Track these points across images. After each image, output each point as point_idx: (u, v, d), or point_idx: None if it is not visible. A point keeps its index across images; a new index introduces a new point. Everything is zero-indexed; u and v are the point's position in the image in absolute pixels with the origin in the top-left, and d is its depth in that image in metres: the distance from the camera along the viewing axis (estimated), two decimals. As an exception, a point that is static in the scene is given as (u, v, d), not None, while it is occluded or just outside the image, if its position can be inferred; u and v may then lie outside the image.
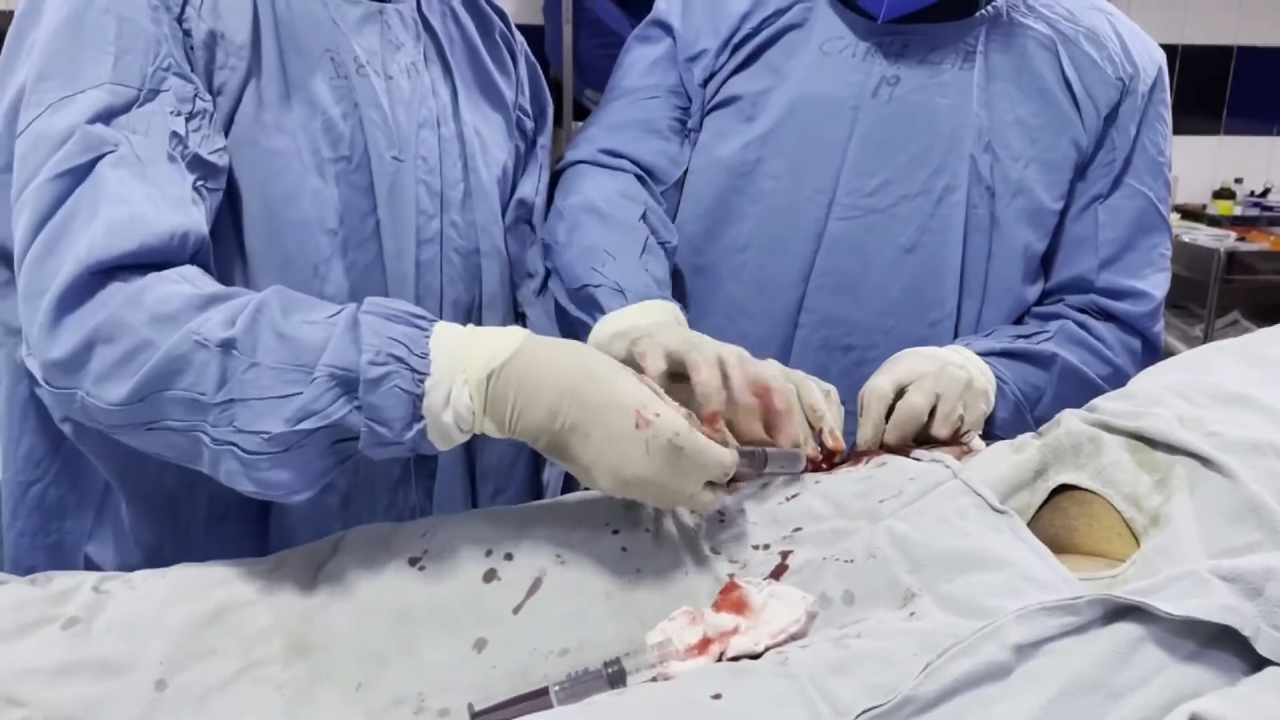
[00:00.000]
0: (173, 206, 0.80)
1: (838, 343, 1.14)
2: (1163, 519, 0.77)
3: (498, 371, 0.76)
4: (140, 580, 0.84)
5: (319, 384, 0.74)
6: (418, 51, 1.02)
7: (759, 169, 1.16)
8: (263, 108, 0.90)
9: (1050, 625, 0.63)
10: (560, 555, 0.82)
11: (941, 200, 1.12)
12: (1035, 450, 0.87)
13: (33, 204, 0.78)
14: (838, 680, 0.63)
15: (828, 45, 1.15)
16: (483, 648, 0.76)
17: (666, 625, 0.75)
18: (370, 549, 0.86)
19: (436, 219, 1.02)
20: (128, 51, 0.83)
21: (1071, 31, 1.15)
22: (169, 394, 0.74)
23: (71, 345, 0.75)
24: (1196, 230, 3.20)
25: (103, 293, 0.75)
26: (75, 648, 0.77)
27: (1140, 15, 3.47)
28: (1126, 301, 1.18)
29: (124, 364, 0.74)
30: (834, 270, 1.14)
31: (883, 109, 1.13)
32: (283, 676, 0.76)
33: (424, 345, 0.76)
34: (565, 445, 0.76)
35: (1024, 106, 1.14)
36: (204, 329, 0.74)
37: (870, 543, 0.77)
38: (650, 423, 0.74)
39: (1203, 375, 0.90)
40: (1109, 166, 1.16)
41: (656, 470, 0.75)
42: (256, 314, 0.75)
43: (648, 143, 1.18)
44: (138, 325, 0.74)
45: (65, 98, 0.80)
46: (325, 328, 0.75)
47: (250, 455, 0.75)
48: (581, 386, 0.75)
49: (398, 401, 0.75)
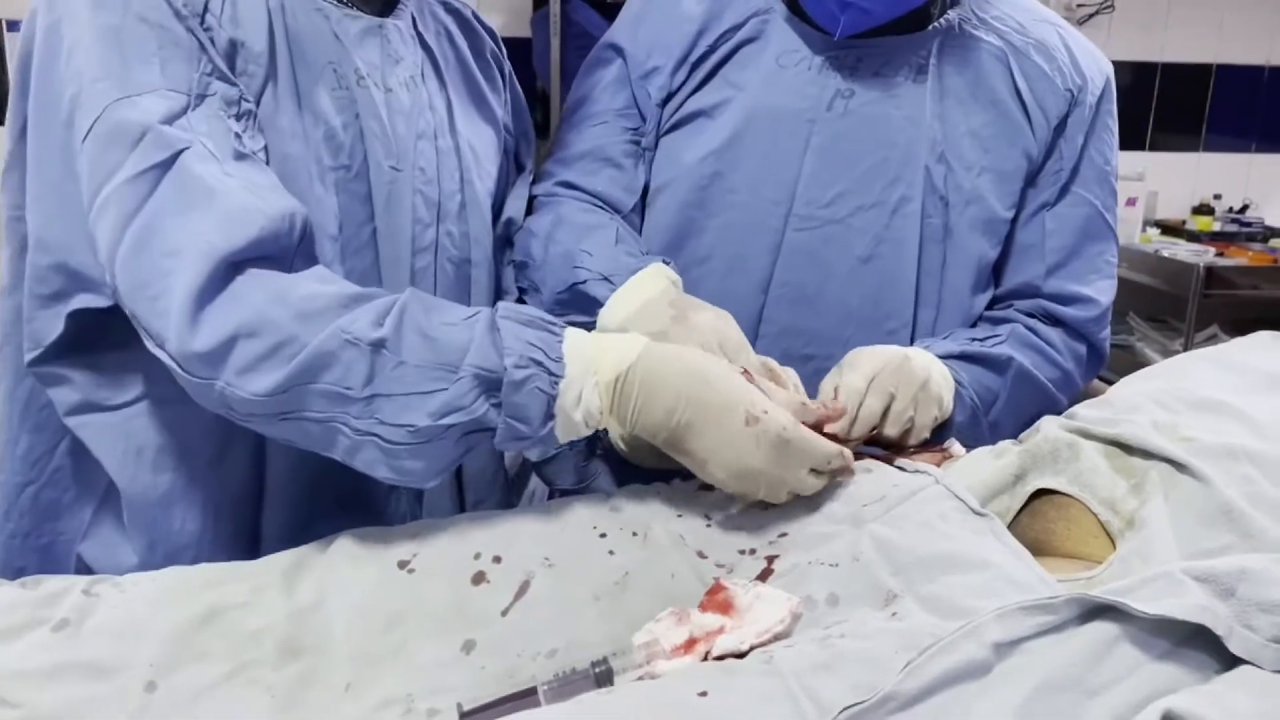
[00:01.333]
0: (273, 192, 0.84)
1: (797, 353, 1.16)
2: (1138, 522, 0.79)
3: (624, 375, 0.83)
4: (130, 583, 0.85)
5: (464, 383, 0.80)
6: (416, 66, 1.04)
7: (716, 182, 1.17)
8: (280, 114, 0.92)
9: (1028, 624, 0.65)
10: (548, 558, 0.83)
11: (897, 211, 1.14)
12: (1015, 456, 0.89)
13: (118, 202, 0.80)
14: (821, 678, 0.64)
15: (783, 58, 1.17)
16: (471, 649, 0.77)
17: (653, 626, 0.76)
18: (360, 551, 0.87)
19: (432, 228, 1.04)
20: (171, 59, 0.84)
21: (1022, 43, 1.18)
22: (314, 387, 0.79)
23: (215, 339, 0.78)
24: (1176, 245, 3.22)
25: (237, 285, 0.79)
26: (66, 650, 0.77)
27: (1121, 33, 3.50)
28: (1073, 307, 1.20)
29: (269, 358, 0.78)
30: (792, 282, 1.16)
31: (838, 122, 1.15)
32: (273, 678, 0.77)
33: (558, 350, 0.83)
34: (682, 440, 0.84)
35: (977, 117, 1.16)
36: (354, 327, 0.79)
37: (854, 546, 0.79)
38: (759, 420, 0.83)
39: (1179, 382, 0.92)
40: (1057, 175, 1.19)
41: (767, 461, 0.83)
42: (402, 315, 0.81)
43: (602, 174, 1.20)
44: (284, 321, 0.79)
45: (124, 98, 0.82)
46: (466, 329, 0.82)
47: (392, 445, 0.81)
48: (697, 389, 0.83)
49: (536, 401, 0.81)
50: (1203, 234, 3.33)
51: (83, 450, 0.96)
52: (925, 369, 1.04)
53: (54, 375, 0.93)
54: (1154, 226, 3.41)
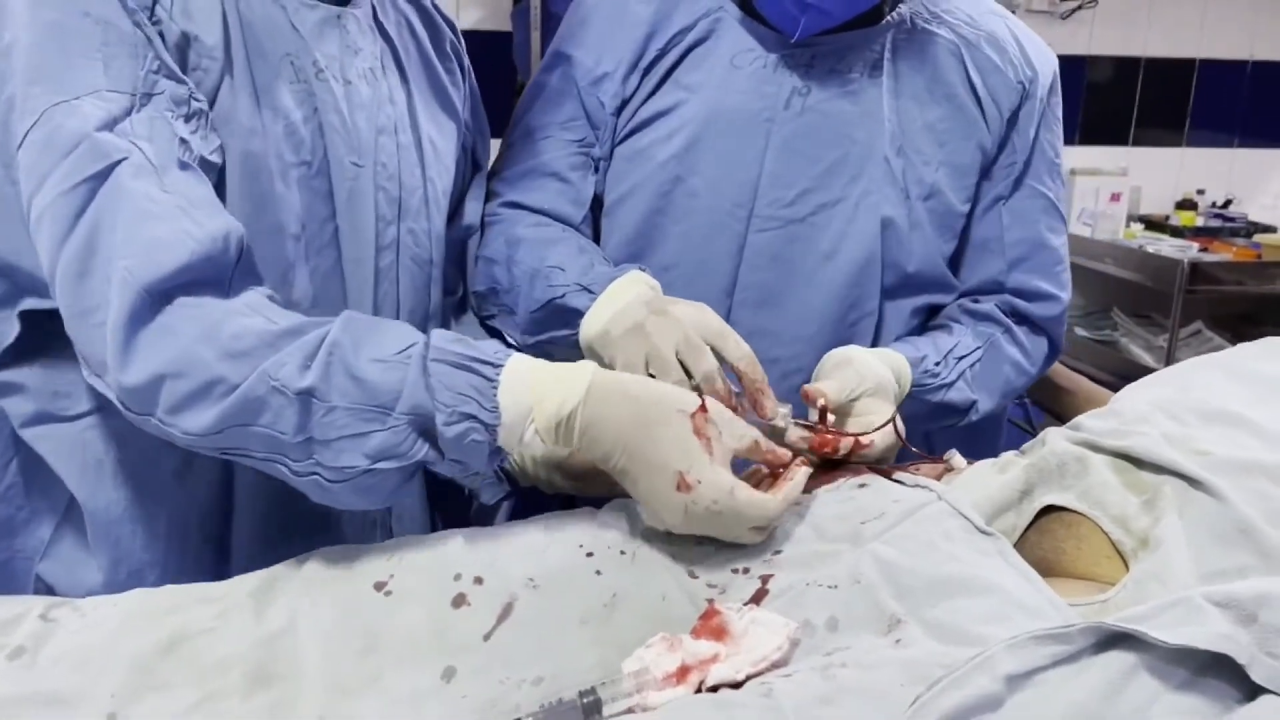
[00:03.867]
0: (206, 212, 0.79)
1: (764, 355, 1.12)
2: (1152, 541, 0.76)
3: (564, 421, 0.80)
4: (90, 608, 0.81)
5: (398, 431, 0.77)
6: (375, 57, 1.00)
7: (678, 188, 1.15)
8: (238, 110, 0.87)
9: (1041, 654, 0.61)
10: (532, 579, 0.79)
11: (859, 205, 1.13)
12: (1020, 470, 0.86)
13: (52, 217, 0.77)
14: (825, 713, 0.61)
15: (738, 59, 1.15)
16: (451, 677, 0.73)
17: (644, 653, 0.72)
18: (333, 572, 0.83)
19: (394, 226, 1.00)
20: (115, 57, 0.80)
21: (973, 36, 1.17)
22: (250, 429, 0.77)
23: (143, 376, 0.76)
24: (1160, 241, 3.22)
25: (166, 318, 0.76)
26: (23, 680, 0.73)
27: (1103, 28, 3.50)
28: (1037, 304, 1.21)
29: (200, 397, 0.76)
30: (756, 284, 1.14)
31: (796, 120, 1.13)
32: (242, 709, 0.72)
33: (493, 398, 0.79)
34: (621, 481, 0.82)
35: (932, 111, 1.15)
36: (281, 374, 0.76)
37: (854, 567, 0.75)
38: (691, 489, 0.78)
39: (1188, 392, 0.89)
40: (1010, 168, 1.18)
41: (695, 528, 0.80)
42: (330, 356, 0.77)
43: (547, 189, 1.17)
44: (211, 361, 0.75)
45: (61, 103, 0.77)
46: (398, 369, 0.78)
47: (333, 484, 0.79)
48: (636, 439, 0.79)
49: (476, 449, 0.79)
50: (1186, 229, 3.33)
51: (37, 465, 0.92)
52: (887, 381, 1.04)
53: (7, 385, 0.89)
54: (1138, 222, 3.40)
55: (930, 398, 1.11)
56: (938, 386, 1.12)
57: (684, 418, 0.80)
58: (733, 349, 0.94)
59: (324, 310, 0.95)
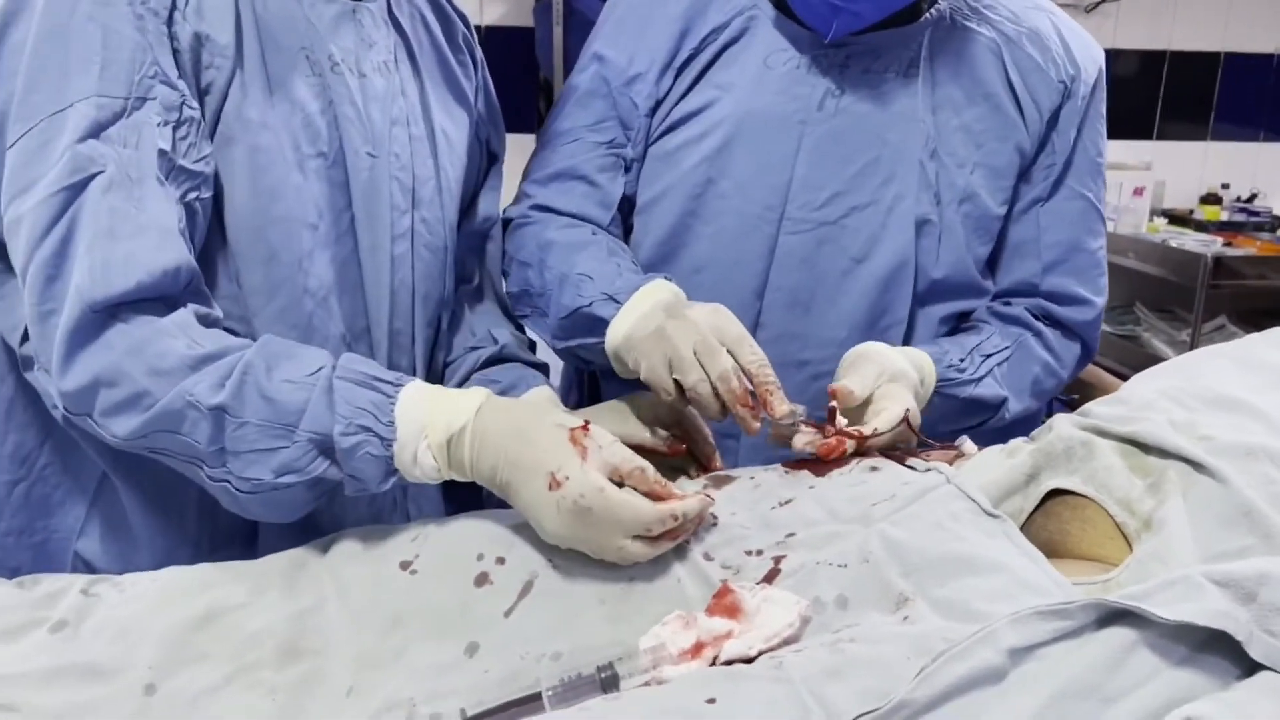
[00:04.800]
0: (162, 240, 0.84)
1: (793, 358, 1.14)
2: (1156, 523, 0.77)
3: (456, 437, 0.84)
4: (129, 583, 0.84)
5: (300, 446, 0.83)
6: (389, 50, 1.03)
7: (710, 189, 1.15)
8: (247, 105, 0.91)
9: (1044, 629, 0.63)
10: (551, 559, 0.82)
11: (892, 209, 1.13)
12: (1027, 455, 0.87)
13: (30, 222, 0.82)
14: (832, 684, 0.63)
15: (771, 59, 1.15)
16: (474, 652, 0.76)
17: (659, 630, 0.74)
18: (361, 552, 0.86)
19: (408, 214, 1.03)
20: (113, 61, 0.84)
21: (1015, 33, 1.15)
22: (171, 435, 0.83)
23: (80, 383, 0.82)
24: (1184, 235, 3.21)
25: (109, 333, 0.82)
26: (64, 652, 0.77)
27: (1128, 21, 3.48)
28: (1071, 308, 1.19)
29: (127, 407, 0.82)
30: (786, 286, 1.15)
31: (829, 121, 1.13)
32: (274, 681, 0.76)
33: (390, 413, 0.84)
34: (508, 498, 0.84)
35: (968, 112, 1.14)
36: (196, 390, 0.82)
37: (863, 547, 0.77)
38: (560, 485, 0.79)
39: (1195, 379, 0.90)
40: (1049, 169, 1.17)
41: (569, 528, 0.79)
42: (244, 376, 0.83)
43: (575, 192, 1.18)
44: (137, 376, 0.81)
45: (56, 113, 0.82)
46: (304, 389, 0.83)
47: (242, 494, 0.84)
48: (515, 449, 0.82)
49: (371, 464, 0.84)
50: (1210, 224, 3.31)
51: (70, 445, 0.95)
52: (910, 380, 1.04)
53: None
54: (1161, 216, 3.39)
55: (958, 393, 1.11)
56: (965, 381, 1.11)
57: (561, 430, 0.82)
58: (746, 353, 0.95)
59: (345, 296, 0.99)
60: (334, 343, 0.98)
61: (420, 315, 1.07)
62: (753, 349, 0.96)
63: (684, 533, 0.82)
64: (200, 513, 0.97)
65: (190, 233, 0.87)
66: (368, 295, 1.01)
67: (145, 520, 0.96)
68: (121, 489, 0.95)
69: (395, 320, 1.04)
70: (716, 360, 0.93)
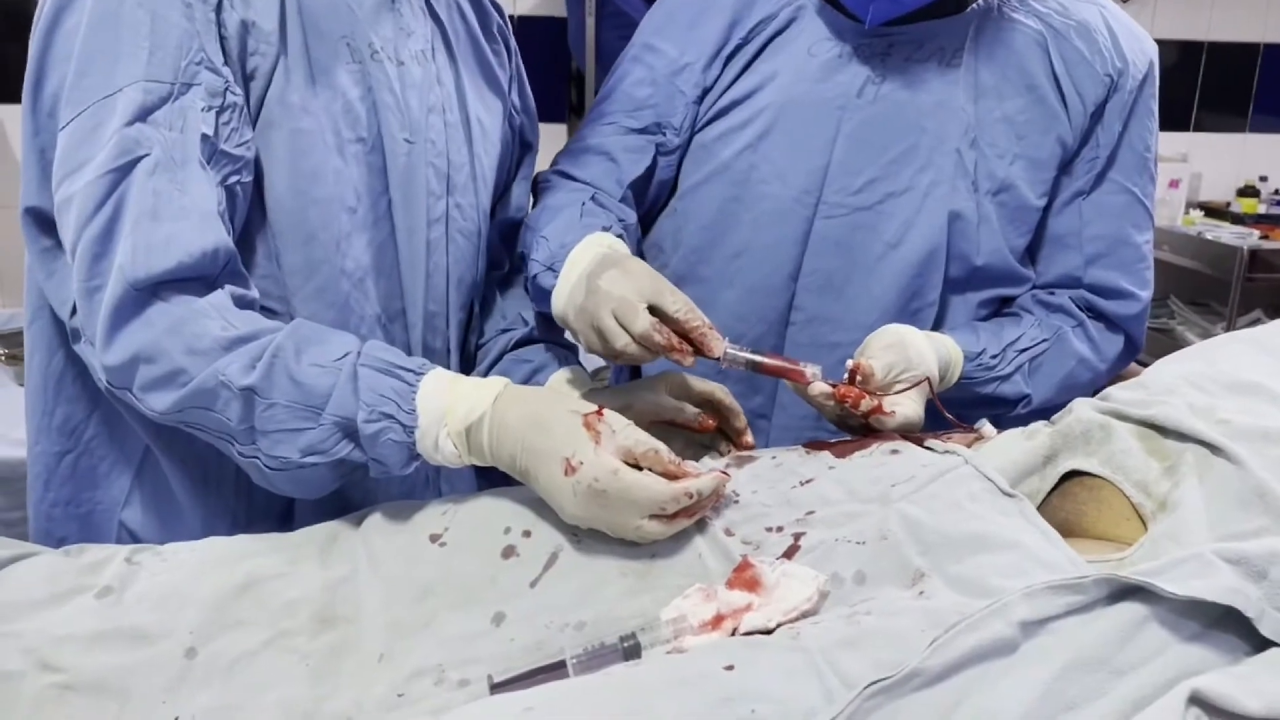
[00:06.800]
0: (203, 223, 0.87)
1: (825, 340, 1.16)
2: (1171, 504, 0.78)
3: (475, 425, 0.86)
4: (170, 552, 0.87)
5: (325, 429, 0.86)
6: (426, 39, 1.05)
7: (753, 175, 1.17)
8: (290, 90, 0.94)
9: (1056, 603, 0.65)
10: (576, 533, 0.84)
11: (928, 196, 1.14)
12: (1046, 437, 0.88)
13: (79, 201, 0.85)
14: (847, 654, 0.65)
15: (815, 47, 1.16)
16: (501, 621, 0.78)
17: (681, 602, 0.76)
18: (393, 525, 0.88)
19: (443, 200, 1.06)
20: (161, 47, 0.87)
21: (1063, 25, 1.15)
22: (204, 412, 0.86)
23: (121, 358, 0.85)
24: (1220, 228, 3.17)
25: (149, 310, 0.85)
26: (109, 616, 0.80)
27: (1167, 12, 3.43)
28: (1115, 301, 1.19)
29: (164, 383, 0.85)
30: (820, 270, 1.16)
31: (868, 108, 1.14)
32: (308, 647, 0.78)
33: (411, 401, 0.86)
34: (529, 484, 0.86)
35: (1011, 103, 1.14)
36: (229, 371, 0.85)
37: (882, 525, 0.79)
38: (575, 470, 0.81)
39: (1216, 364, 0.91)
40: (1092, 163, 1.17)
41: (586, 510, 0.82)
42: (274, 359, 0.85)
43: (594, 166, 1.20)
44: (175, 354, 0.85)
45: (106, 97, 0.86)
46: (331, 374, 0.86)
47: (271, 471, 0.88)
48: (532, 437, 0.84)
49: (393, 450, 0.87)
50: (1247, 216, 3.27)
51: (116, 418, 0.99)
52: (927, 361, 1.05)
53: None
54: (1197, 209, 3.35)
55: (981, 389, 1.12)
56: (991, 379, 1.12)
57: (575, 416, 0.84)
58: (669, 301, 0.95)
59: (381, 278, 1.02)
60: (369, 323, 1.01)
61: (454, 299, 1.09)
62: (673, 296, 0.95)
63: (700, 510, 0.84)
64: (238, 488, 1.00)
65: (230, 215, 0.90)
66: (403, 278, 1.04)
67: (186, 493, 0.99)
68: (163, 461, 0.99)
69: (430, 303, 1.07)
70: (635, 320, 0.94)
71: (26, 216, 0.94)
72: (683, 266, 1.22)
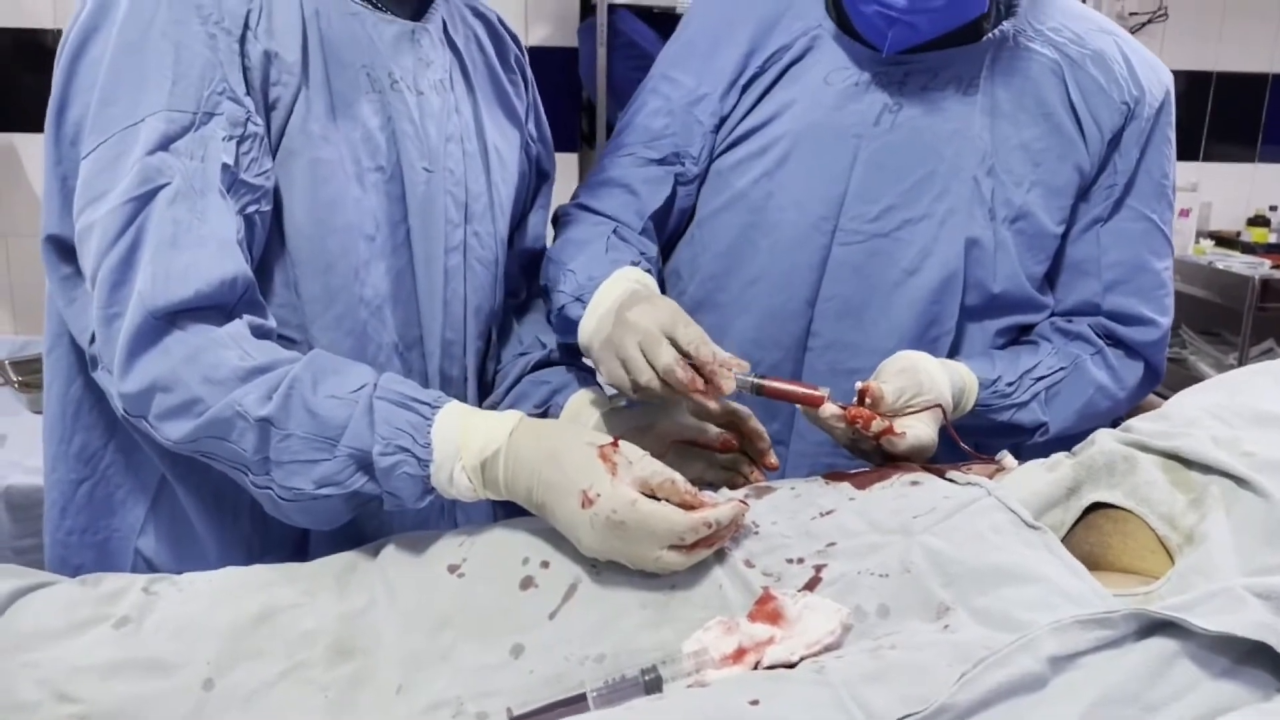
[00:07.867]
0: (221, 251, 0.87)
1: (843, 366, 1.15)
2: (1198, 537, 0.77)
3: (490, 460, 0.86)
4: (188, 582, 0.87)
5: (340, 460, 0.85)
6: (445, 70, 1.06)
7: (770, 202, 1.18)
8: (311, 120, 0.94)
9: (1085, 638, 0.64)
10: (595, 564, 0.83)
11: (944, 223, 1.14)
12: (1069, 468, 0.88)
13: (100, 229, 0.86)
14: (873, 688, 0.64)
15: (831, 76, 1.17)
16: (520, 653, 0.78)
17: (702, 635, 0.76)
18: (410, 556, 0.88)
19: (461, 228, 1.07)
20: (184, 77, 0.88)
21: (1079, 55, 1.16)
22: (219, 442, 0.86)
23: (139, 386, 0.85)
24: (1230, 258, 3.17)
25: (167, 339, 0.85)
26: (126, 646, 0.79)
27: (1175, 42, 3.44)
28: (1134, 328, 1.19)
29: (180, 412, 0.85)
30: (837, 296, 1.17)
31: (886, 136, 1.15)
32: (326, 678, 0.78)
33: (427, 435, 0.86)
34: (546, 518, 0.86)
35: (1028, 130, 1.15)
36: (245, 401, 0.84)
37: (904, 557, 0.78)
38: (593, 502, 0.80)
39: (1237, 396, 0.90)
40: (1110, 190, 1.17)
41: (605, 543, 0.81)
42: (290, 390, 0.85)
43: (615, 198, 1.21)
44: (192, 383, 0.85)
45: (129, 127, 0.86)
46: (347, 406, 0.86)
47: (284, 502, 0.87)
48: (548, 471, 0.84)
49: (408, 483, 0.86)
50: (1258, 246, 3.27)
51: (133, 446, 0.99)
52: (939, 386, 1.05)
53: None
54: (1208, 238, 3.35)
55: (997, 417, 1.12)
56: (1007, 407, 1.12)
57: (591, 448, 0.83)
58: (682, 335, 0.95)
59: (399, 306, 1.02)
60: (387, 351, 1.01)
61: (472, 327, 1.09)
62: (686, 329, 0.95)
63: (719, 540, 0.83)
64: (253, 517, 0.99)
65: (248, 244, 0.91)
66: (421, 306, 1.04)
67: (202, 521, 0.99)
68: (179, 490, 0.99)
69: (448, 331, 1.07)
70: (659, 354, 0.94)
71: (47, 244, 0.94)
72: (700, 293, 1.23)
